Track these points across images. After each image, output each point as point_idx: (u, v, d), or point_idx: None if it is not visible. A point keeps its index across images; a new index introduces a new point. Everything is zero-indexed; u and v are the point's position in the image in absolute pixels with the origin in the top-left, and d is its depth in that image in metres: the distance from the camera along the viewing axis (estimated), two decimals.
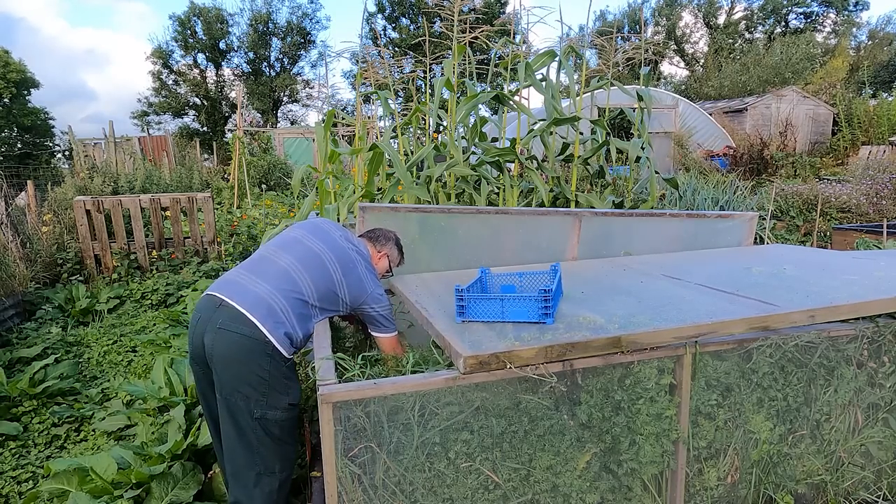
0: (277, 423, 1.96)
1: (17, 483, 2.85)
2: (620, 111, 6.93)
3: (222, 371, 1.93)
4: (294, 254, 2.14)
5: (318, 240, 2.22)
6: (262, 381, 1.91)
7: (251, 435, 1.94)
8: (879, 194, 7.22)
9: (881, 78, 24.48)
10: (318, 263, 2.13)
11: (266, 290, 1.99)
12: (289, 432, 2.02)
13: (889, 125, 14.31)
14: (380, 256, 2.48)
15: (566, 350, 1.72)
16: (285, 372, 1.97)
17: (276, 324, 1.94)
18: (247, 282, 2.03)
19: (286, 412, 1.97)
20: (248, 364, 1.90)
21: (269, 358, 1.91)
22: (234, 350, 1.90)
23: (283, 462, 2.01)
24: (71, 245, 6.01)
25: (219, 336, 1.92)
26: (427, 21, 8.23)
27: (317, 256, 2.15)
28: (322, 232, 2.28)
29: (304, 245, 2.19)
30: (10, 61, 22.68)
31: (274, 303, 1.97)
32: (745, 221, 3.47)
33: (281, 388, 1.95)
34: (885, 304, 2.11)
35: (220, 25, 29.06)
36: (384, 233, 2.56)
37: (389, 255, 2.52)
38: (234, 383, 1.92)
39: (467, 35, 4.92)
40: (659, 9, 32.15)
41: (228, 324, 1.91)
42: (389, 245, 2.53)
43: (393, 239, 2.56)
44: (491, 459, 1.77)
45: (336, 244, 2.24)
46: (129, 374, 4.06)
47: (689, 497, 2.02)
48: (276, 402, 1.94)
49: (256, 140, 15.76)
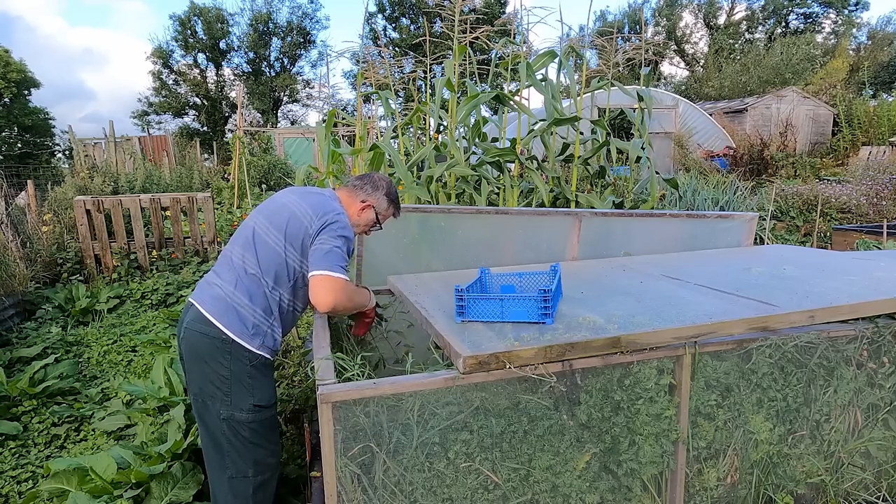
0: (246, 425, 1.91)
1: (16, 483, 2.85)
2: (621, 111, 6.94)
3: (189, 370, 1.96)
4: (239, 241, 2.06)
5: (260, 215, 2.07)
6: (223, 379, 1.89)
7: (220, 436, 1.92)
8: (879, 195, 7.22)
9: (881, 78, 24.48)
10: (256, 238, 2.00)
11: (220, 284, 1.98)
12: (261, 435, 1.96)
13: (889, 126, 14.30)
14: (362, 207, 2.15)
15: (566, 350, 1.72)
16: (249, 371, 1.92)
17: (233, 317, 1.91)
18: (210, 281, 2.04)
19: (253, 413, 1.92)
20: (209, 363, 1.90)
21: (228, 355, 1.89)
22: (196, 349, 1.92)
23: (256, 466, 1.96)
24: (71, 245, 6.01)
25: (185, 336, 1.95)
26: (427, 21, 8.23)
27: (254, 233, 2.02)
28: (270, 203, 2.10)
29: (247, 227, 2.07)
30: (10, 61, 22.70)
31: (227, 296, 1.94)
32: (745, 222, 3.47)
33: (245, 386, 1.90)
34: (884, 304, 2.10)
35: (220, 25, 29.09)
36: (372, 179, 2.21)
37: (376, 205, 2.18)
38: (199, 382, 1.93)
39: (468, 35, 4.92)
40: (659, 9, 32.16)
41: (192, 324, 1.94)
42: (377, 195, 2.18)
43: (383, 188, 2.19)
44: (490, 459, 1.77)
45: (275, 206, 2.05)
46: (128, 373, 4.06)
47: (688, 497, 2.02)
48: (240, 403, 1.90)
49: (257, 140, 15.77)
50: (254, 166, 12.97)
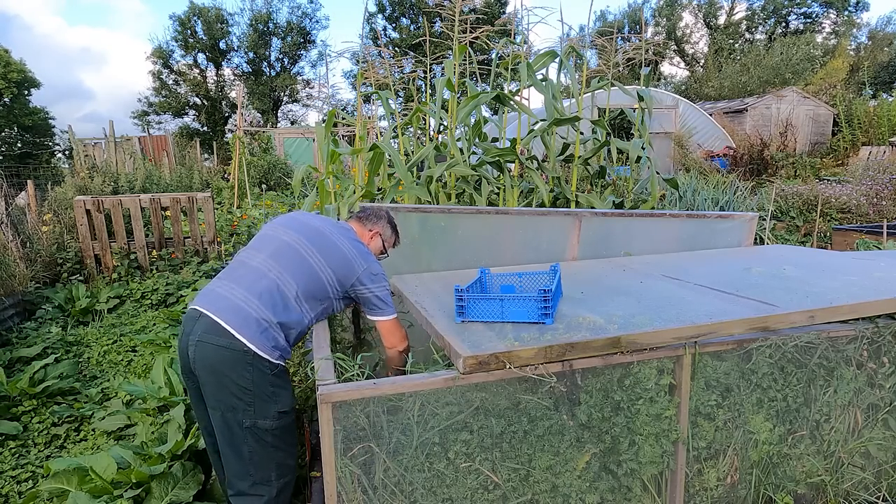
0: (269, 432, 1.90)
1: (16, 483, 2.85)
2: (621, 111, 6.95)
3: (206, 383, 1.89)
4: (266, 251, 2.05)
5: (291, 230, 2.11)
6: (245, 391, 1.85)
7: (243, 445, 1.89)
8: (879, 195, 7.22)
9: (881, 78, 24.48)
10: (293, 255, 2.03)
11: (241, 295, 1.92)
12: (283, 439, 1.95)
13: (889, 126, 14.31)
14: (371, 235, 2.33)
15: (566, 350, 1.72)
16: (271, 380, 1.90)
17: (254, 330, 1.86)
18: (223, 290, 1.96)
19: (277, 420, 1.91)
20: (229, 375, 1.84)
21: (250, 367, 1.85)
22: (213, 362, 1.85)
23: (279, 469, 1.95)
24: (71, 245, 6.01)
25: (199, 349, 1.87)
26: (427, 21, 8.23)
27: (290, 248, 2.05)
28: (296, 222, 2.17)
29: (276, 239, 2.09)
30: (10, 61, 22.69)
31: (250, 308, 1.89)
32: (745, 222, 3.47)
33: (267, 396, 1.88)
34: (884, 304, 2.11)
35: (220, 25, 29.09)
36: (374, 210, 2.40)
37: (382, 233, 2.36)
38: (218, 395, 1.87)
39: (468, 35, 4.92)
40: (659, 9, 32.16)
41: (206, 336, 1.86)
42: (381, 223, 2.36)
43: (385, 217, 2.39)
44: (490, 460, 1.77)
45: (310, 228, 2.12)
46: (128, 373, 4.06)
47: (688, 497, 2.02)
48: (264, 412, 1.88)
49: (256, 140, 15.79)
50: (254, 166, 12.98)
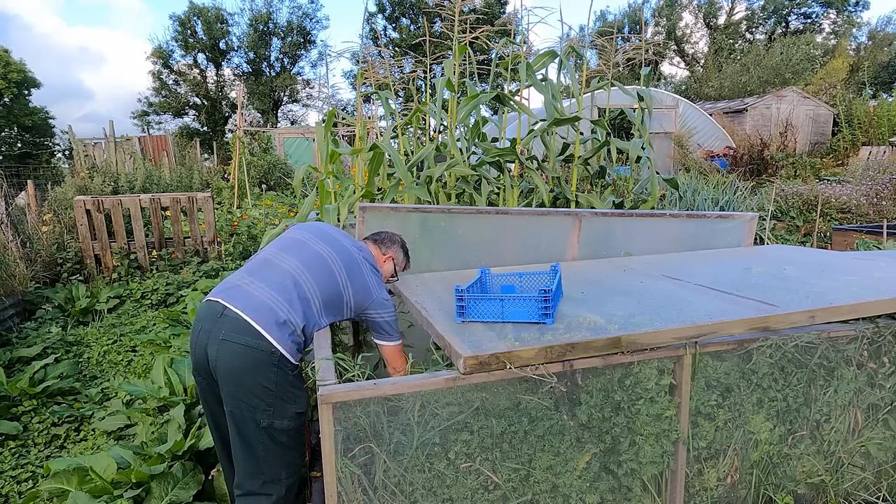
0: (284, 432, 1.91)
1: (16, 483, 2.85)
2: (621, 111, 6.94)
3: (227, 383, 1.87)
4: (298, 256, 2.09)
5: (323, 243, 2.17)
6: (268, 391, 1.85)
7: (257, 445, 1.89)
8: (879, 195, 7.21)
9: (881, 78, 24.48)
10: (324, 267, 2.08)
11: (270, 294, 1.93)
12: (295, 439, 1.97)
13: (889, 126, 14.30)
14: (385, 259, 2.41)
15: (566, 350, 1.72)
16: (292, 381, 1.92)
17: (282, 331, 1.88)
18: (250, 287, 1.96)
19: (293, 420, 1.93)
20: (254, 375, 1.84)
21: (275, 368, 1.85)
22: (239, 362, 1.84)
23: (288, 469, 1.97)
24: (71, 245, 6.02)
25: (223, 348, 1.85)
26: (427, 21, 8.23)
27: (322, 260, 2.10)
28: (327, 235, 2.24)
29: (308, 247, 2.14)
30: (10, 61, 22.68)
31: (279, 308, 1.90)
32: (745, 222, 3.47)
33: (288, 397, 1.90)
34: (884, 304, 2.11)
35: (220, 25, 29.06)
36: (389, 235, 2.50)
37: (395, 258, 2.45)
38: (239, 395, 1.86)
39: (468, 35, 4.92)
40: (659, 9, 32.14)
41: (232, 335, 1.84)
42: (395, 248, 2.46)
43: (399, 242, 2.49)
44: (491, 460, 1.77)
45: (341, 247, 2.19)
46: (128, 373, 4.06)
47: (688, 497, 2.02)
48: (282, 412, 1.89)
49: (256, 140, 15.77)
50: (254, 166, 12.98)
